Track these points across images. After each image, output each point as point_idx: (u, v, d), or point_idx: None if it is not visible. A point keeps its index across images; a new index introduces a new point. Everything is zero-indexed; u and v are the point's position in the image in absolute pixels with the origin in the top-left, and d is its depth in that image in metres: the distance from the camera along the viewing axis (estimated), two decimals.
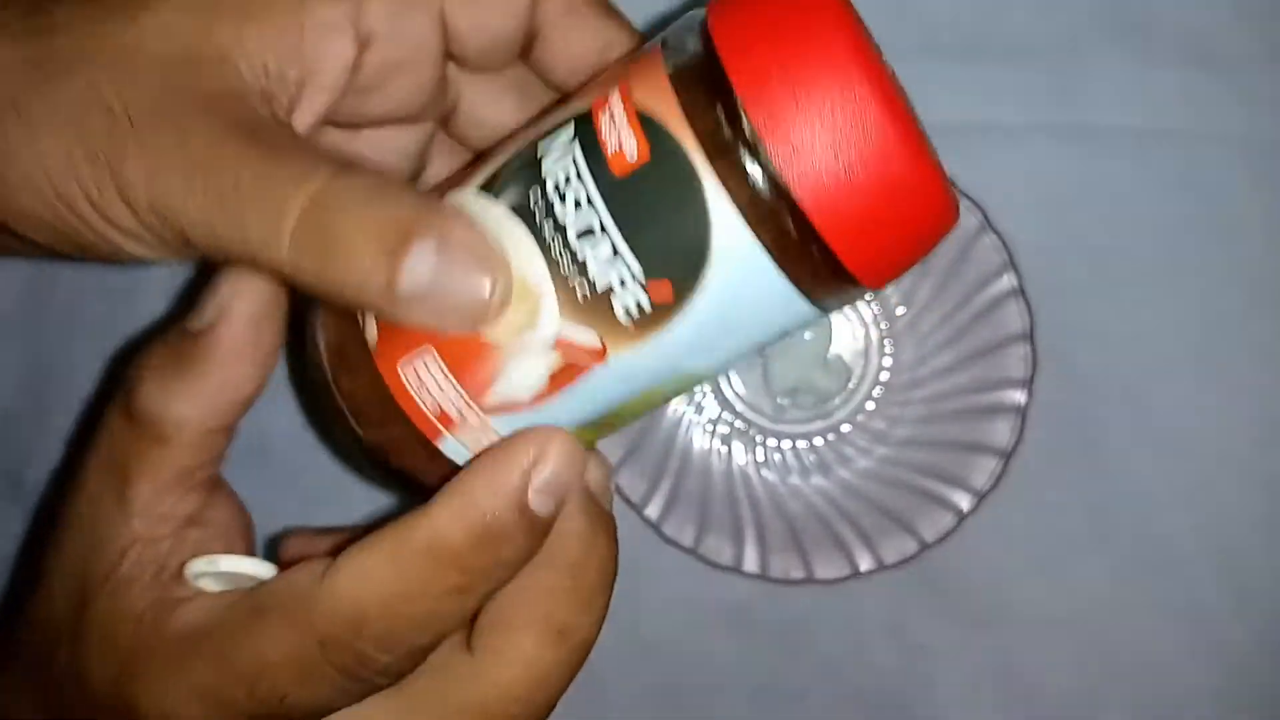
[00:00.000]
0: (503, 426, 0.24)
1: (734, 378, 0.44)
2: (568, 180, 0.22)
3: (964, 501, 0.42)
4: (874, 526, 0.43)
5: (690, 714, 0.45)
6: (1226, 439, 0.43)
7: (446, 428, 0.24)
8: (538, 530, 0.24)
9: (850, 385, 0.44)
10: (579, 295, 0.22)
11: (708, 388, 0.44)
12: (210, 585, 0.26)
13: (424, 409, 0.24)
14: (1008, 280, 0.42)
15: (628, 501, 0.43)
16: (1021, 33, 0.43)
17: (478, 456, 0.24)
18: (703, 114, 0.22)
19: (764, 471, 0.44)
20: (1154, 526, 0.44)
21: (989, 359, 0.43)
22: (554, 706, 0.28)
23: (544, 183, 0.23)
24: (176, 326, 0.26)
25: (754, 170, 0.21)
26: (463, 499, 0.23)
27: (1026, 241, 0.42)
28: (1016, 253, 0.42)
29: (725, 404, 0.44)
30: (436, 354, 0.23)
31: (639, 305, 0.22)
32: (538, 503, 0.23)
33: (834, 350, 0.44)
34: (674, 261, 0.22)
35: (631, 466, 0.43)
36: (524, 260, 0.23)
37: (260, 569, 0.26)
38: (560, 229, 0.22)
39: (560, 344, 0.23)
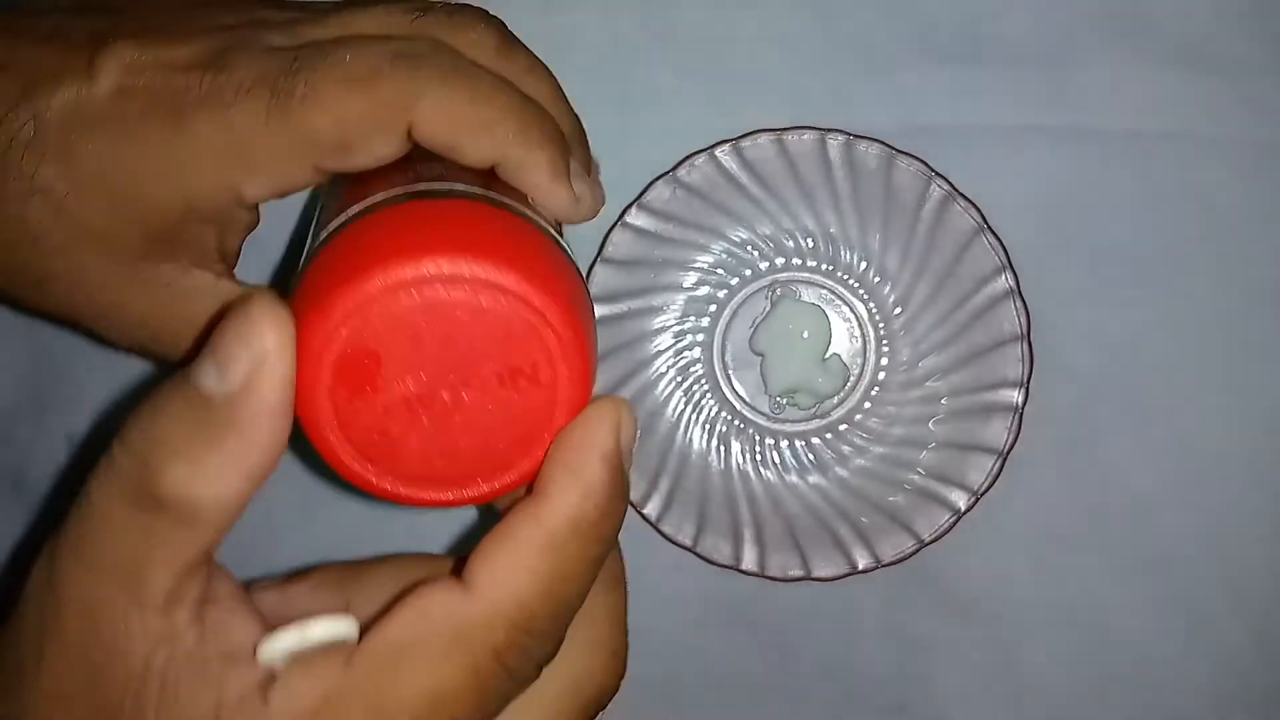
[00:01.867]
0: None
1: (733, 377, 0.45)
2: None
3: (961, 500, 0.43)
4: (871, 525, 0.43)
5: (689, 712, 0.45)
6: (1223, 439, 0.43)
7: None
8: (628, 491, 0.26)
9: (848, 385, 0.44)
10: None
11: (707, 386, 0.45)
12: (279, 661, 0.24)
13: None
14: (1005, 281, 0.42)
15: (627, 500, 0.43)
16: (1018, 35, 0.44)
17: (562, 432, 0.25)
18: None
19: (762, 470, 0.44)
20: (1151, 526, 0.44)
21: (986, 359, 0.43)
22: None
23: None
24: (185, 389, 0.22)
25: None
26: (579, 473, 0.24)
27: (1023, 242, 0.43)
28: (1014, 253, 0.42)
29: (724, 403, 0.45)
30: None
31: None
32: (627, 463, 0.25)
33: (832, 350, 0.44)
34: None
35: (630, 466, 0.44)
36: None
37: (349, 628, 0.24)
38: None
39: None
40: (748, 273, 0.44)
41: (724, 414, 0.45)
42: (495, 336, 0.23)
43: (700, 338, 0.45)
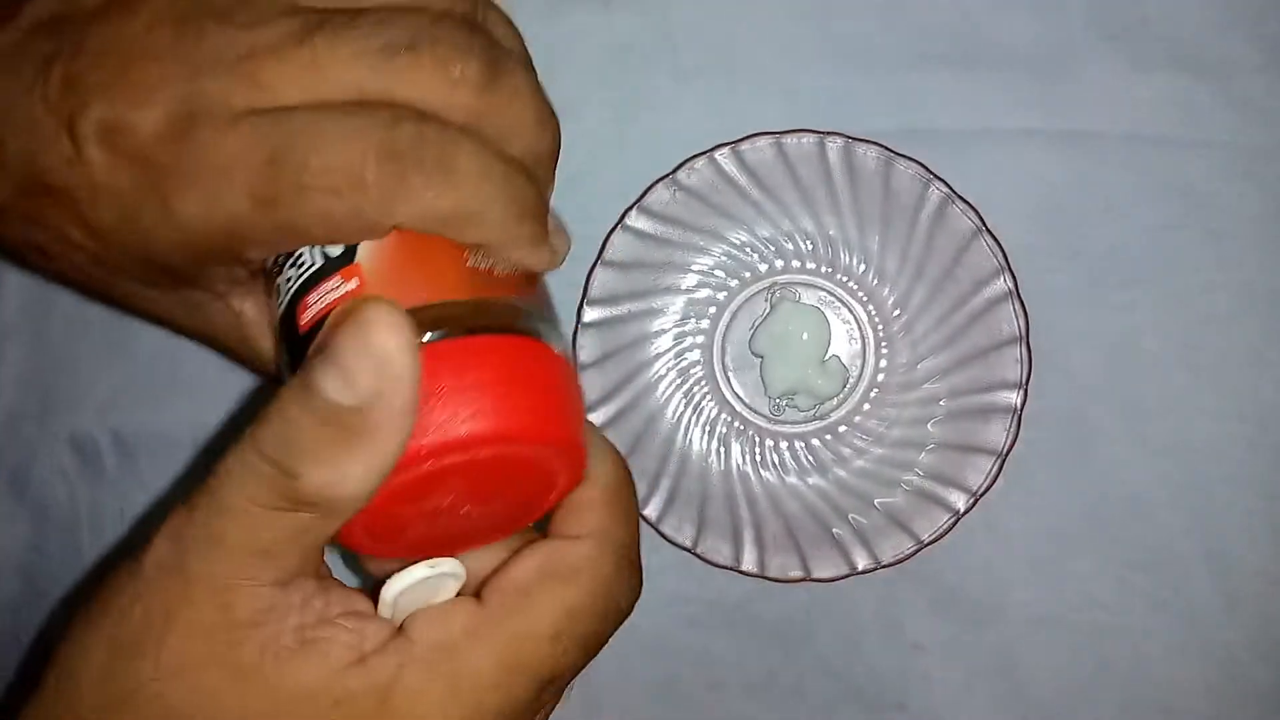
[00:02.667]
0: None
1: (732, 379, 0.45)
2: None
3: (960, 501, 0.43)
4: (871, 526, 0.43)
5: (688, 711, 0.46)
6: (1219, 440, 0.44)
7: None
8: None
9: (847, 386, 0.44)
10: None
11: (707, 388, 0.45)
12: (399, 599, 0.27)
13: None
14: (1003, 283, 0.43)
15: None
16: (1016, 39, 0.44)
17: None
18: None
19: (762, 471, 0.45)
20: (1147, 527, 0.44)
21: (984, 361, 0.43)
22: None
23: None
24: (313, 401, 0.23)
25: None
26: (603, 454, 0.30)
27: (1022, 245, 0.43)
28: (1012, 256, 0.42)
29: (723, 405, 0.45)
30: None
31: None
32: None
33: (831, 352, 0.44)
34: None
35: (630, 466, 0.44)
36: None
37: (456, 565, 0.27)
38: None
39: None
40: (747, 275, 0.45)
41: (724, 415, 0.45)
42: (527, 476, 0.27)
43: (700, 340, 0.45)
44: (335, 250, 0.27)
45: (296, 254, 0.27)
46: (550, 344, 0.28)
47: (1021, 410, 0.42)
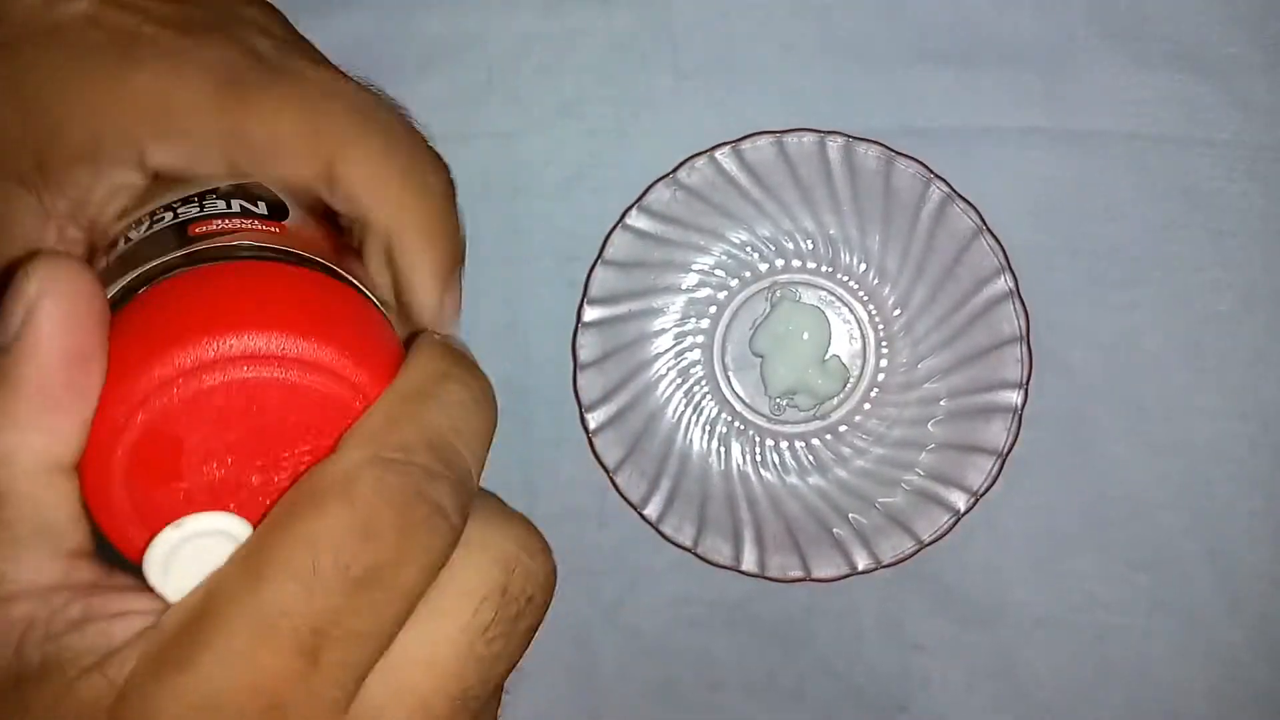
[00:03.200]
0: None
1: (733, 379, 0.45)
2: None
3: (960, 501, 0.43)
4: (871, 526, 0.43)
5: (688, 712, 0.46)
6: (1220, 439, 0.44)
7: None
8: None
9: (847, 386, 0.44)
10: None
11: (707, 388, 0.45)
12: (168, 582, 0.21)
13: None
14: (1004, 282, 0.42)
15: (627, 501, 0.44)
16: (1017, 38, 0.44)
17: None
18: None
19: (762, 471, 0.45)
20: (1148, 526, 0.44)
21: (985, 360, 0.43)
22: None
23: None
24: None
25: None
26: (426, 348, 0.23)
27: (1022, 244, 0.43)
28: (1013, 255, 0.42)
29: (724, 404, 0.45)
30: None
31: None
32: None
33: (831, 351, 0.44)
34: None
35: (631, 466, 0.44)
36: None
37: (235, 523, 0.21)
38: None
39: None
40: (748, 274, 0.44)
41: (724, 415, 0.45)
42: (311, 416, 0.21)
43: (700, 339, 0.45)
44: (177, 255, 0.24)
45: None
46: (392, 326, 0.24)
47: (1022, 410, 0.42)
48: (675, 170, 0.43)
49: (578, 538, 0.45)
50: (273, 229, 0.25)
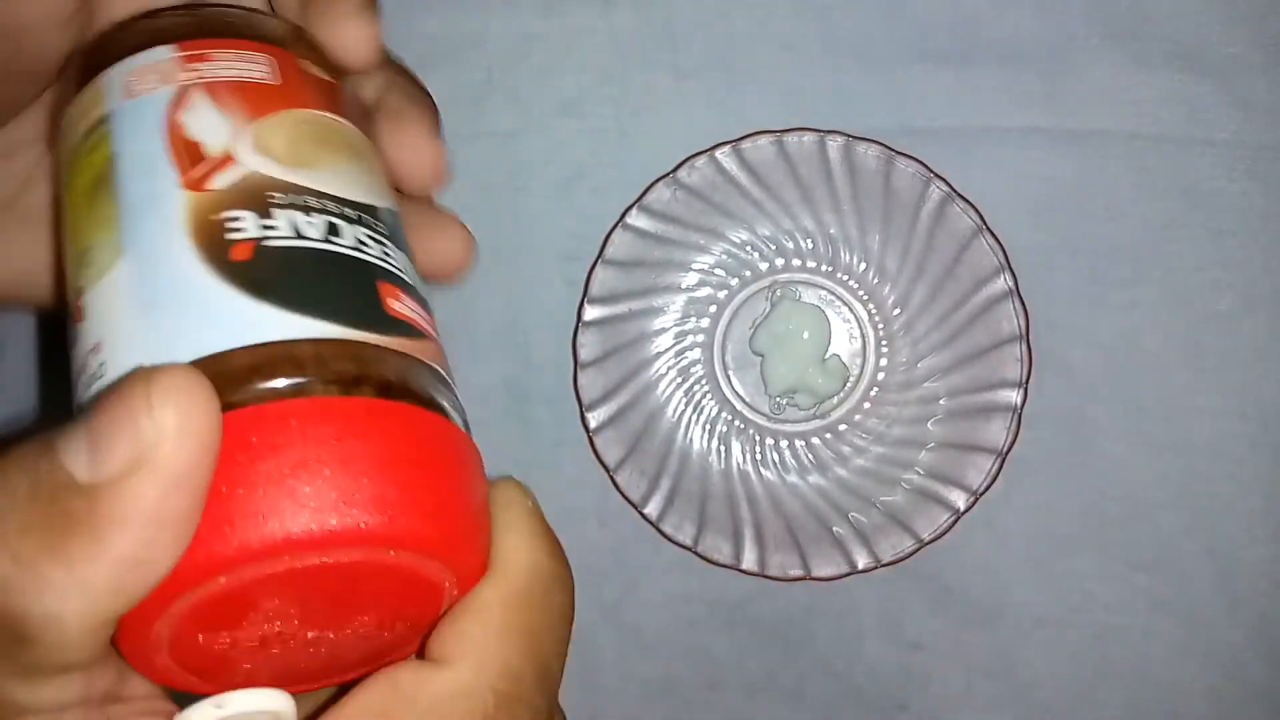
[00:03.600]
0: None
1: (733, 378, 0.45)
2: None
3: (960, 500, 0.43)
4: (871, 525, 0.43)
5: (688, 711, 0.46)
6: (1221, 439, 0.44)
7: None
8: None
9: (847, 385, 0.44)
10: None
11: (707, 387, 0.45)
12: None
13: None
14: (1003, 282, 0.43)
15: (628, 500, 0.44)
16: (1017, 38, 0.44)
17: None
18: None
19: (762, 470, 0.45)
20: (1148, 526, 0.44)
21: (985, 359, 0.43)
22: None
23: None
24: (48, 470, 0.17)
25: None
26: (520, 525, 0.22)
27: (1022, 243, 0.43)
28: (1012, 254, 0.42)
29: (724, 403, 0.45)
30: None
31: None
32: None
33: (831, 350, 0.44)
34: None
35: (631, 465, 0.44)
36: None
37: (282, 702, 0.19)
38: None
39: None
40: (748, 274, 0.44)
41: (724, 414, 0.45)
42: (388, 590, 0.19)
43: (700, 338, 0.45)
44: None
45: None
46: (448, 416, 0.20)
47: (1022, 409, 0.42)
48: (675, 170, 0.43)
49: (578, 537, 0.45)
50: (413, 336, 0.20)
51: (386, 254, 0.21)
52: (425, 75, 0.45)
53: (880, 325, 0.44)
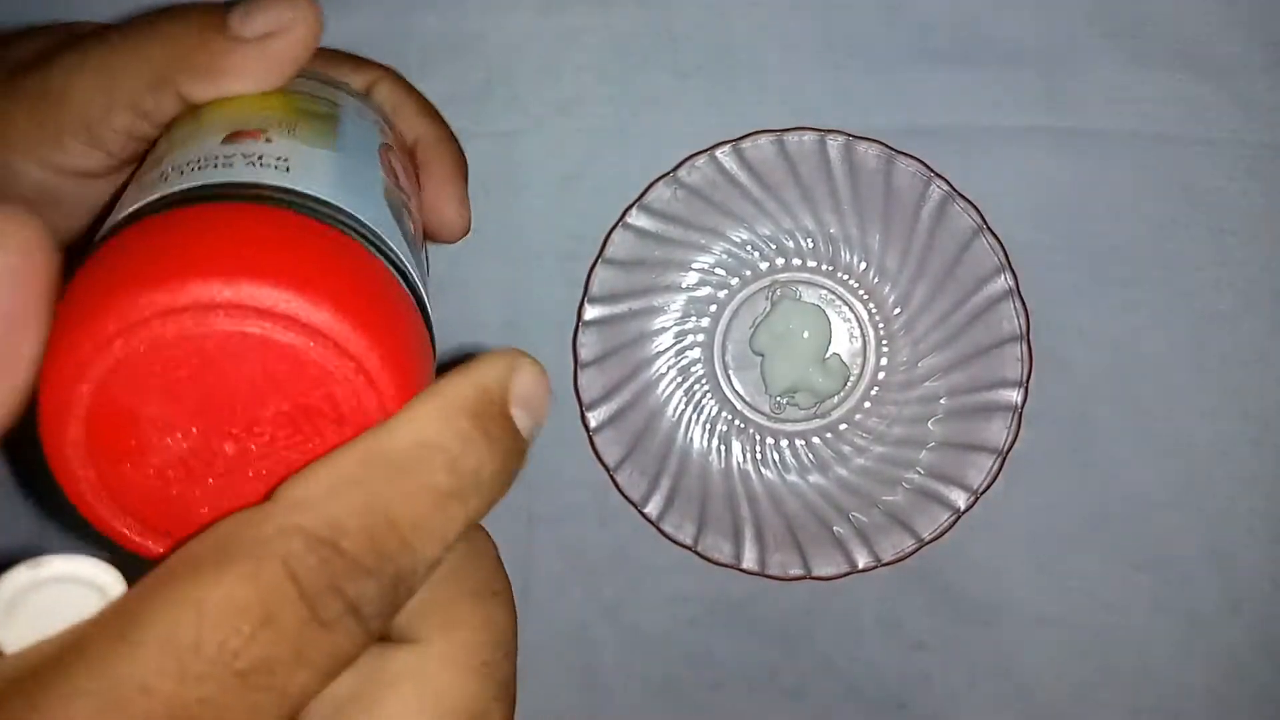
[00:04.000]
0: None
1: (733, 377, 0.45)
2: None
3: (961, 500, 0.43)
4: (871, 524, 0.43)
5: (689, 710, 0.46)
6: (1221, 438, 0.44)
7: None
8: (519, 450, 0.20)
9: (848, 385, 0.44)
10: None
11: (707, 386, 0.45)
12: (8, 629, 0.17)
13: None
14: (1004, 281, 0.42)
15: (628, 499, 0.44)
16: (1017, 37, 0.44)
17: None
18: None
19: (762, 470, 0.45)
20: (1149, 525, 0.44)
21: (985, 359, 0.43)
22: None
23: None
24: None
25: None
26: (445, 395, 0.19)
27: (1023, 243, 0.43)
28: (1013, 254, 0.42)
29: (724, 403, 0.45)
30: None
31: None
32: (519, 416, 0.20)
33: (832, 350, 0.44)
34: None
35: (631, 465, 0.44)
36: None
37: (104, 573, 0.18)
38: None
39: None
40: (748, 273, 0.44)
41: (724, 414, 0.45)
42: (278, 372, 0.19)
43: (701, 338, 0.45)
44: (151, 198, 0.22)
45: None
46: (398, 268, 0.22)
47: (1022, 408, 0.42)
48: (676, 169, 0.43)
49: (578, 536, 0.45)
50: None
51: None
52: (425, 74, 0.45)
53: (880, 325, 0.44)
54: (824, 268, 0.44)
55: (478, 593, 0.21)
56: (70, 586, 0.17)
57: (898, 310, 0.44)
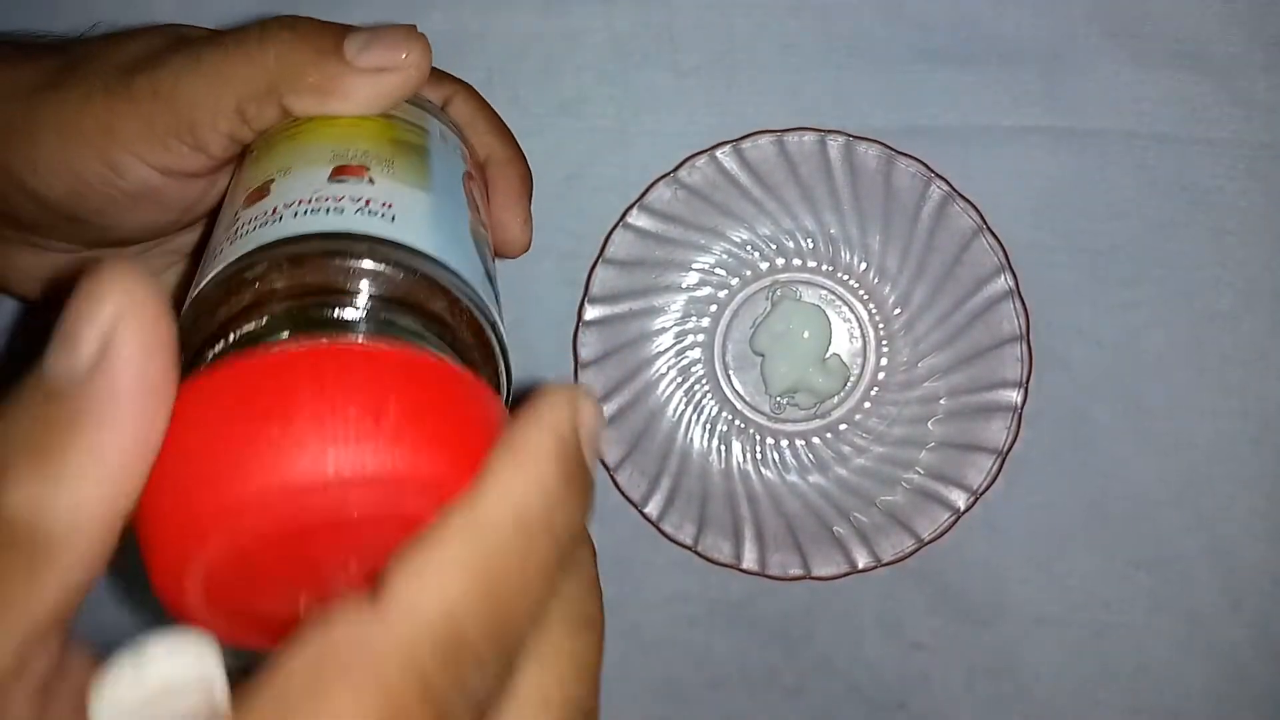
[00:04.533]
0: None
1: (733, 377, 0.45)
2: None
3: (960, 500, 0.43)
4: (871, 524, 0.43)
5: (689, 710, 0.46)
6: (1221, 437, 0.44)
7: None
8: (593, 485, 0.20)
9: (848, 385, 0.44)
10: None
11: (707, 386, 0.45)
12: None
13: None
14: (1004, 281, 0.42)
15: (628, 499, 0.44)
16: (1017, 36, 0.44)
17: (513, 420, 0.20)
18: None
19: (762, 470, 0.45)
20: (1149, 525, 0.44)
21: (985, 359, 0.43)
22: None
23: None
24: (33, 383, 0.18)
25: None
26: (528, 453, 0.19)
27: (1022, 243, 0.43)
28: (1013, 254, 0.42)
29: (724, 403, 0.45)
30: None
31: None
32: (589, 456, 0.20)
33: (832, 350, 0.44)
34: None
35: (631, 465, 0.44)
36: None
37: (204, 663, 0.18)
38: None
39: None
40: (748, 273, 0.44)
41: (724, 414, 0.45)
42: (398, 528, 0.18)
43: (701, 338, 0.45)
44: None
45: None
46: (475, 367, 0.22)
47: (1022, 408, 0.42)
48: (676, 169, 0.43)
49: None
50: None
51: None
52: None
53: (880, 325, 0.44)
54: (824, 268, 0.44)
55: (574, 625, 0.21)
56: (176, 694, 0.17)
57: (898, 310, 0.44)
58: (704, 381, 0.45)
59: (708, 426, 0.45)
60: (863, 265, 0.44)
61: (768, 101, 0.44)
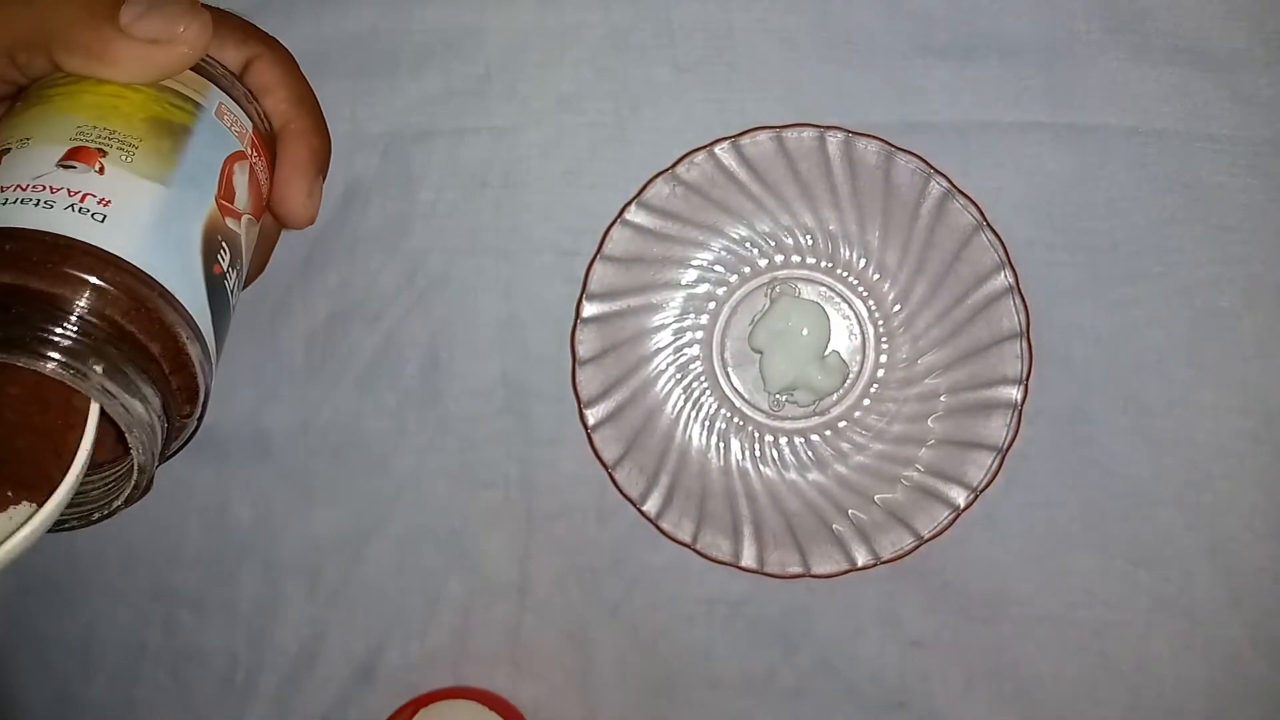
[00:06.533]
0: None
1: (732, 374, 0.45)
2: None
3: (960, 497, 0.43)
4: (870, 522, 0.43)
5: (688, 710, 0.46)
6: (1222, 435, 0.43)
7: None
8: None
9: (847, 382, 0.44)
10: None
11: (706, 383, 0.45)
12: None
13: None
14: (1004, 278, 0.42)
15: (626, 497, 0.44)
16: (1017, 32, 0.44)
17: None
18: None
19: (761, 467, 0.44)
20: (1148, 522, 0.44)
21: (985, 356, 0.43)
22: None
23: None
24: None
25: None
26: None
27: (1022, 240, 0.43)
28: (1012, 250, 0.42)
29: (723, 400, 0.45)
30: None
31: None
32: None
33: (831, 347, 0.44)
34: None
35: (630, 463, 0.44)
36: None
37: None
38: None
39: None
40: (747, 270, 0.44)
41: (723, 411, 0.45)
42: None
43: (700, 335, 0.45)
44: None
45: None
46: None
47: (1022, 405, 0.42)
48: (675, 165, 0.43)
49: (577, 534, 0.45)
50: None
51: None
52: (423, 68, 0.45)
53: (880, 322, 0.44)
54: (823, 264, 0.44)
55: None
56: None
57: (897, 307, 0.44)
58: (703, 379, 0.45)
59: (706, 424, 0.45)
60: (862, 262, 0.44)
61: (767, 97, 0.44)
